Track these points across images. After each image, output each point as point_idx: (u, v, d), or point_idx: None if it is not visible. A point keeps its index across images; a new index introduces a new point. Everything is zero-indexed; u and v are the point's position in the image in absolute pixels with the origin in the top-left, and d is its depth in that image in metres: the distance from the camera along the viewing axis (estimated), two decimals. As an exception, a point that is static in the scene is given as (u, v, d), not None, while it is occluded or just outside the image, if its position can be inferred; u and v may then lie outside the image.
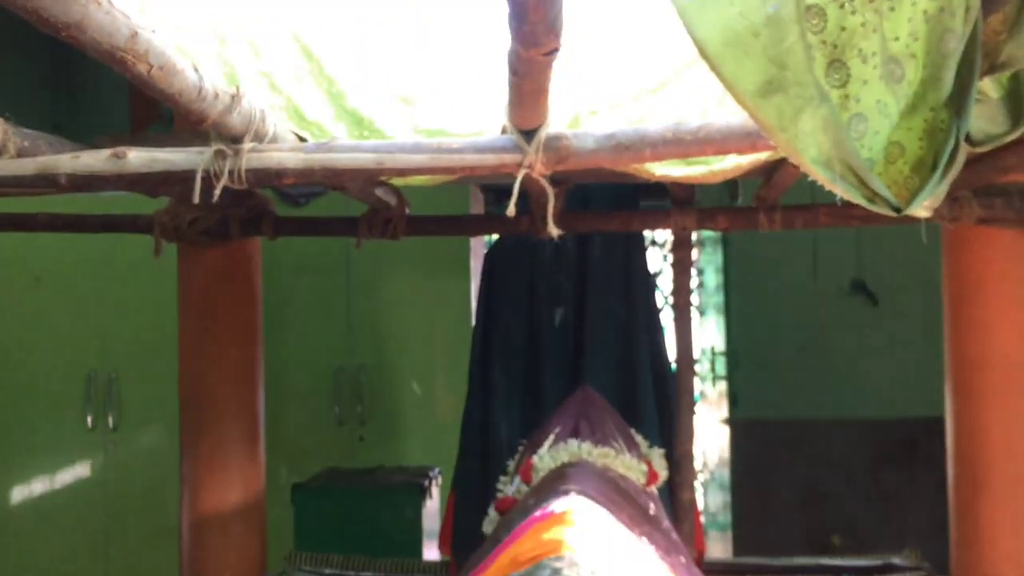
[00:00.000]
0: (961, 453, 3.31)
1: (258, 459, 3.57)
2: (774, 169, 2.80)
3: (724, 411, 5.85)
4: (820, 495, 5.75)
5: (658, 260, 6.45)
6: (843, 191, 1.30)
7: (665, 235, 6.51)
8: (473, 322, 4.28)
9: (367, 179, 2.48)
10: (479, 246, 5.53)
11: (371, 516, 4.02)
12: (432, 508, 4.22)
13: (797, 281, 5.79)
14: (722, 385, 5.88)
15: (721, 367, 5.87)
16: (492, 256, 3.96)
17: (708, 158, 2.26)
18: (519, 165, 1.92)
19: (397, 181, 2.40)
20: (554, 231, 2.00)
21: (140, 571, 4.92)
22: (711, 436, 6.21)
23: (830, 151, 1.28)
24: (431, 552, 4.14)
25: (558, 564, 1.65)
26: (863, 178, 1.32)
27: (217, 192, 2.01)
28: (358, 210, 3.30)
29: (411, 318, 5.18)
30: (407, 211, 3.34)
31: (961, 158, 1.48)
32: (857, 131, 1.33)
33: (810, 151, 1.28)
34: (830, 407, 5.75)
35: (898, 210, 1.38)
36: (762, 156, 2.26)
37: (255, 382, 3.60)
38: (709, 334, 6.11)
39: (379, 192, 3.05)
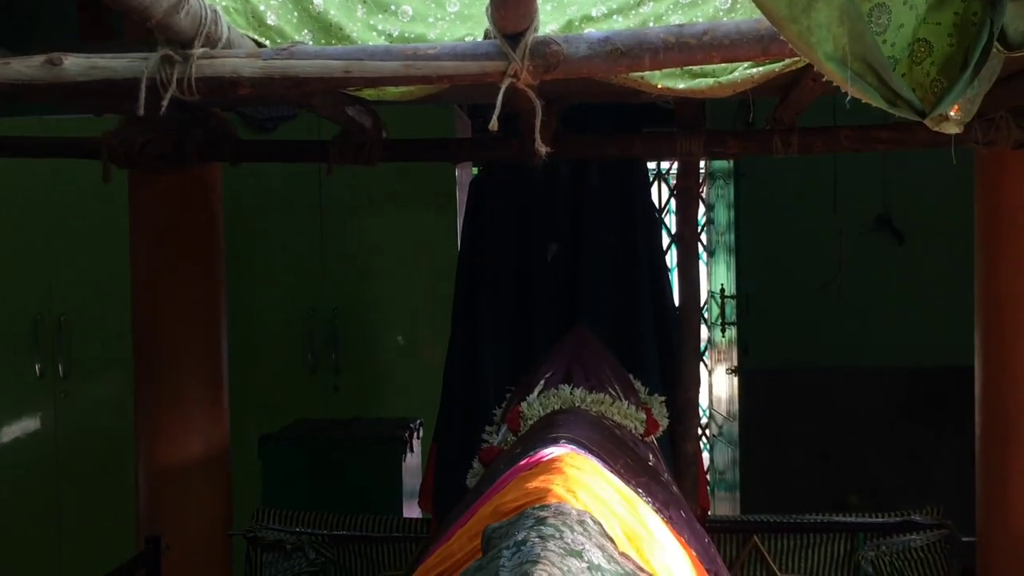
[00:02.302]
0: (990, 403, 3.32)
1: (221, 408, 3.58)
2: (791, 85, 2.76)
3: (733, 360, 5.85)
4: (837, 452, 5.78)
5: (662, 194, 6.41)
6: (860, 93, 1.26)
7: (670, 167, 6.46)
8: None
9: (334, 91, 2.43)
10: (466, 177, 5.49)
11: (346, 471, 4.03)
12: (413, 463, 4.23)
13: (815, 217, 5.75)
14: (731, 331, 5.87)
15: (731, 312, 5.86)
16: (478, 186, 3.93)
17: (715, 68, 2.21)
18: (503, 73, 1.88)
19: (369, 94, 2.35)
20: (542, 149, 1.96)
21: (94, 530, 4.94)
22: (718, 387, 6.22)
23: (847, 46, 1.23)
24: (411, 510, 4.16)
25: (543, 513, 1.63)
26: (884, 78, 1.27)
27: (164, 103, 1.97)
28: (333, 135, 3.26)
29: (391, 256, 5.17)
30: (384, 134, 3.29)
31: (996, 61, 1.44)
32: (879, 24, 1.29)
33: (824, 46, 1.24)
34: (849, 355, 5.76)
35: (923, 114, 1.34)
36: (776, 67, 2.21)
37: (217, 325, 3.59)
38: (719, 275, 6.10)
39: (351, 111, 3.00)
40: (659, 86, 2.24)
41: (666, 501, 2.34)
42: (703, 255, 6.12)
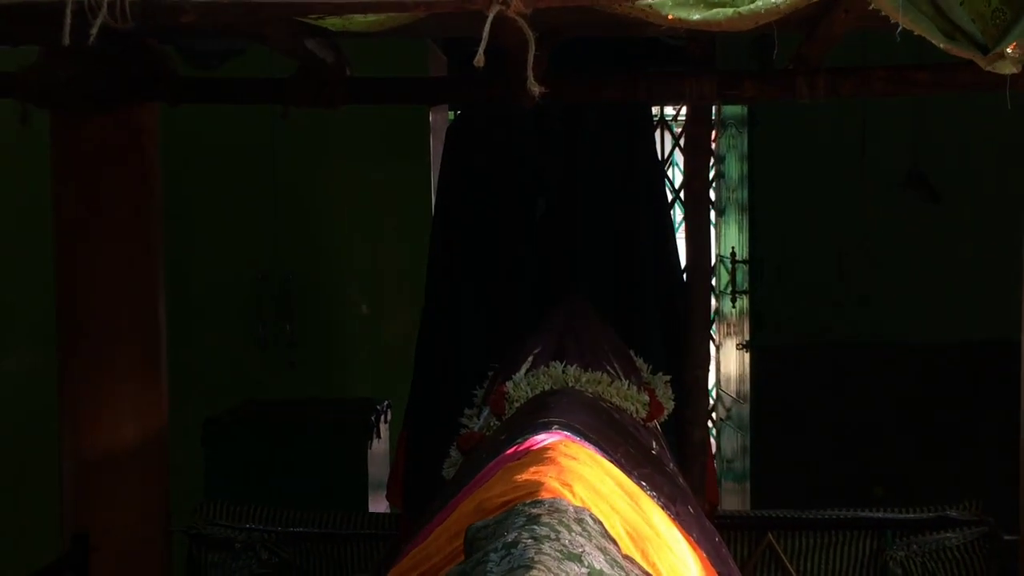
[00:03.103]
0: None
1: (159, 388, 3.55)
2: (819, 18, 2.72)
3: (744, 334, 5.85)
4: (860, 438, 5.79)
5: (665, 144, 6.38)
6: (913, 23, 1.23)
7: (676, 112, 6.42)
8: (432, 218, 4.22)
9: (292, 19, 2.37)
10: (441, 123, 5.45)
11: (304, 459, 4.03)
12: (380, 450, 4.24)
13: (839, 172, 5.72)
14: (743, 301, 5.86)
15: (742, 279, 5.85)
16: (456, 132, 3.89)
17: (736, -5, 2.17)
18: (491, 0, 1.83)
19: (333, 23, 2.29)
20: (535, 89, 1.92)
21: (11, 528, 4.91)
22: (727, 365, 6.22)
23: (901, -33, 1.20)
24: (378, 504, 4.15)
25: (535, 510, 1.61)
26: (940, 6, 1.24)
27: (93, 32, 1.91)
28: (288, 74, 3.21)
29: (355, 214, 5.16)
30: (348, 72, 3.24)
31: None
32: (937, -58, 1.25)
33: (875, -33, 1.20)
34: (875, 329, 5.76)
35: (985, 50, 1.30)
36: (806, -7, 2.17)
37: (154, 292, 3.56)
38: (729, 238, 6.08)
39: (311, 45, 2.95)
40: (670, 16, 2.19)
41: (672, 495, 2.34)
42: (712, 214, 6.09)
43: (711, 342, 6.13)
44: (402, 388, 4.15)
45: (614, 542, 1.67)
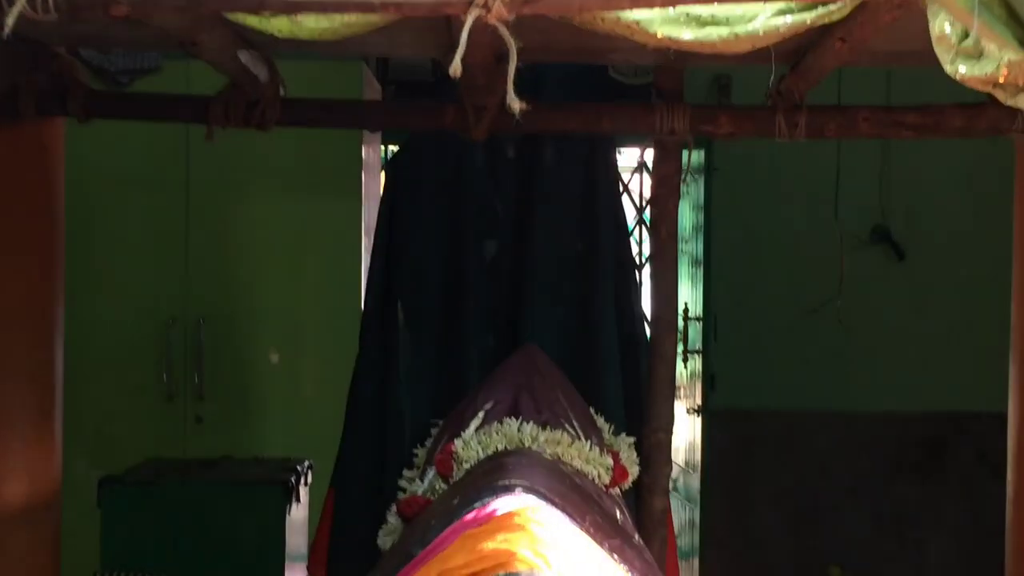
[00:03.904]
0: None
1: (52, 442, 3.42)
2: (805, 49, 2.69)
3: (696, 397, 5.81)
4: (816, 512, 5.79)
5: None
6: (987, 28, 1.14)
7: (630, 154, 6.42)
8: (367, 258, 4.11)
9: (232, 22, 2.26)
10: (374, 157, 5.39)
11: (213, 524, 3.87)
12: (300, 516, 4.10)
13: (799, 227, 5.76)
14: (695, 362, 5.83)
15: (695, 337, 5.82)
16: (399, 164, 3.81)
17: (730, 16, 2.12)
18: (470, 3, 1.75)
19: (280, 26, 2.18)
20: (517, 106, 1.83)
21: None
22: (677, 431, 6.17)
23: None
24: (296, 573, 4.01)
25: (514, 584, 1.50)
26: (1016, 11, 1.16)
27: (10, 23, 1.79)
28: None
29: (275, 255, 5.05)
30: (282, 92, 3.14)
31: None
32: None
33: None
34: (834, 396, 5.78)
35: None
36: (808, 16, 2.13)
37: (51, 334, 3.43)
38: (680, 292, 6.05)
39: (244, 58, 2.83)
40: (659, 35, 2.13)
41: (644, 571, 2.25)
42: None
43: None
44: (323, 447, 4.05)
45: (596, 620, 1.57)
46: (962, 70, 1.85)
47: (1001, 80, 1.82)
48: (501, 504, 2.02)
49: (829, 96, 3.46)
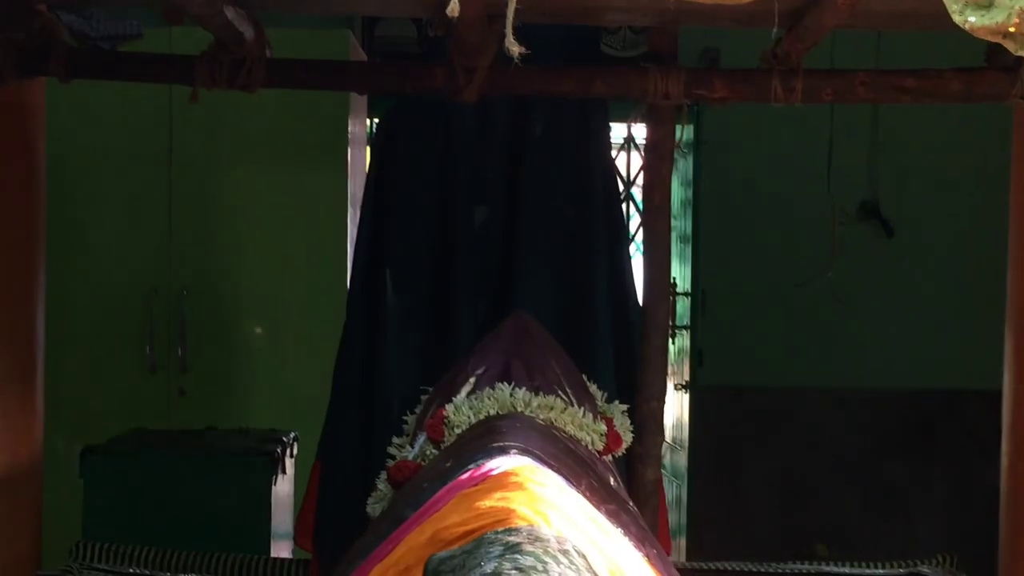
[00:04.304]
0: (1020, 437, 3.26)
1: (34, 412, 3.40)
2: (806, 10, 2.64)
3: (684, 374, 5.79)
4: (804, 489, 5.78)
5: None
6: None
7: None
8: (353, 227, 4.06)
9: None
10: (361, 130, 5.34)
11: (197, 496, 3.85)
12: (285, 487, 4.07)
13: (788, 202, 5.74)
14: (683, 338, 5.80)
15: (683, 313, 5.79)
16: (387, 128, 3.75)
17: (735, -36, 2.05)
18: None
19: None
20: (514, 48, 1.77)
21: None
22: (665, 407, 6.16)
23: None
24: (281, 548, 3.99)
25: (512, 538, 1.46)
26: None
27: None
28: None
29: (260, 224, 4.99)
30: (268, 53, 3.08)
31: None
32: None
33: None
34: (822, 373, 5.76)
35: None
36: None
37: (32, 303, 3.40)
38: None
39: (231, 14, 2.77)
40: (659, -16, 2.07)
41: (640, 536, 2.20)
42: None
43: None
44: (308, 420, 4.03)
45: (601, 580, 1.52)
46: (971, 20, 1.80)
47: (1012, 29, 1.77)
48: (497, 464, 1.97)
49: (822, 62, 3.42)
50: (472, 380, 2.72)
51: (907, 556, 3.75)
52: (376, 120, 5.37)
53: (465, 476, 1.96)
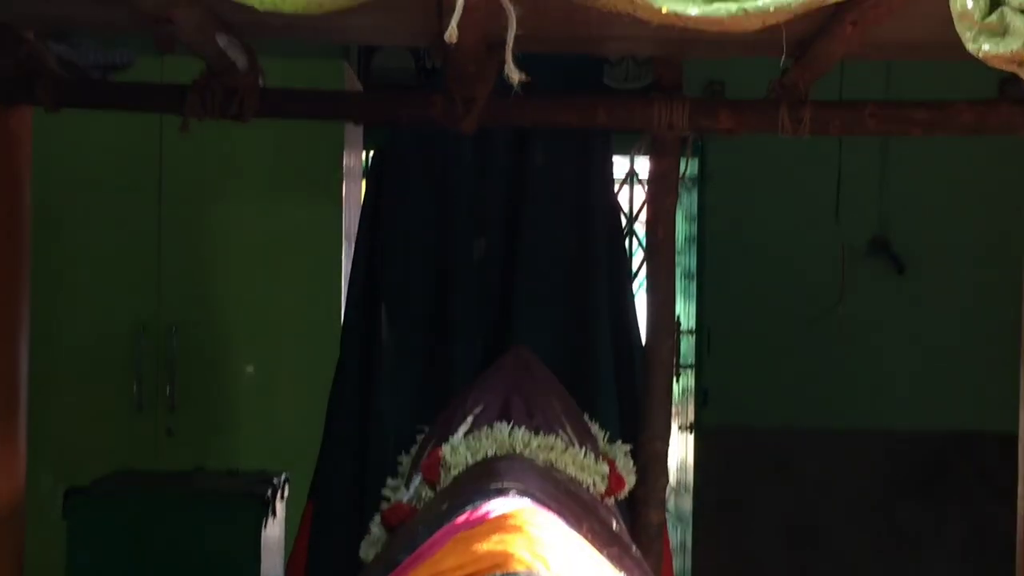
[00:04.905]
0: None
1: (16, 451, 3.36)
2: (812, 38, 2.64)
3: (688, 414, 5.77)
4: (812, 533, 5.75)
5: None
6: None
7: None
8: (347, 266, 4.06)
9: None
10: (356, 163, 5.35)
11: (185, 539, 3.80)
12: (275, 531, 4.03)
13: (796, 238, 5.74)
14: (688, 377, 5.79)
15: (687, 352, 5.78)
16: (383, 159, 3.76)
17: (742, -12, 2.05)
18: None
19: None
20: (514, 75, 1.77)
21: None
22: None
23: None
24: (272, 594, 3.94)
25: (512, 583, 1.43)
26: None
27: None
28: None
29: (251, 261, 4.98)
30: (261, 81, 3.08)
31: None
32: None
33: None
34: (831, 413, 5.74)
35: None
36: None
37: (15, 339, 3.36)
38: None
39: (223, 42, 2.78)
40: (664, 10, 2.06)
41: (643, 582, 2.18)
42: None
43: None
44: (299, 461, 4.01)
45: (601, 627, 1.50)
46: (985, 48, 1.80)
47: (1027, 58, 1.77)
48: (495, 506, 1.96)
49: (830, 93, 3.43)
50: (469, 419, 2.71)
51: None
52: (372, 152, 5.38)
53: (462, 519, 1.95)
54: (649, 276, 3.27)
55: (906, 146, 5.41)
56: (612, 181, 3.88)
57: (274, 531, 4.05)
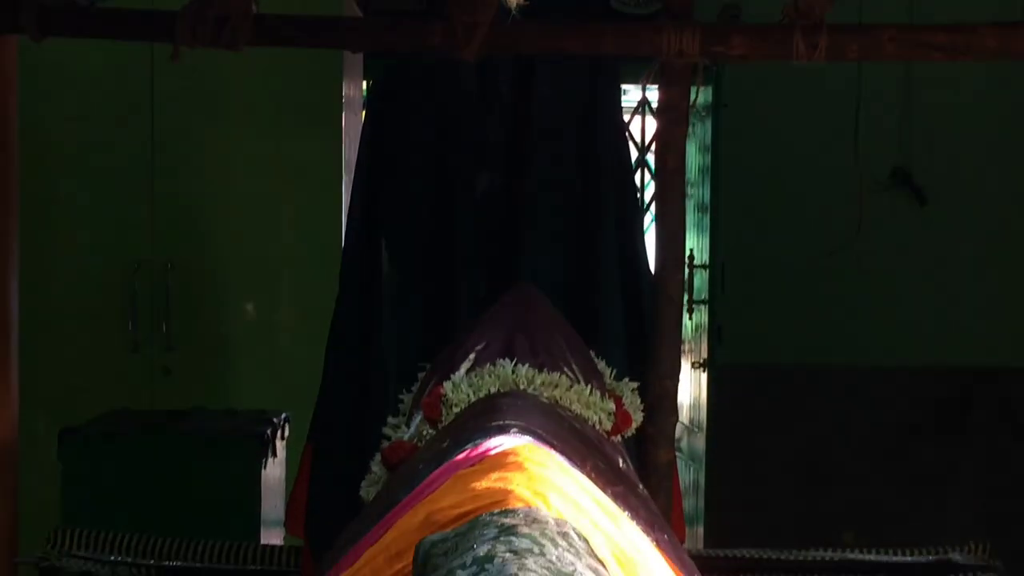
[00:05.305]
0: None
1: (8, 391, 3.45)
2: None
3: (702, 351, 5.78)
4: (829, 473, 5.77)
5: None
6: None
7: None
8: (347, 199, 4.07)
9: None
10: (356, 96, 5.33)
11: (182, 480, 3.88)
12: (275, 472, 4.10)
13: (814, 169, 5.72)
14: (701, 313, 5.80)
15: (701, 287, 5.78)
16: (382, 89, 3.74)
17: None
18: None
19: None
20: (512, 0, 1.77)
21: None
22: (681, 387, 6.15)
23: None
24: (271, 535, 4.01)
25: (508, 520, 1.47)
26: None
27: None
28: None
29: (248, 195, 5.01)
30: (255, 7, 3.09)
31: None
32: None
33: None
34: (849, 349, 5.76)
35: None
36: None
37: (4, 277, 3.44)
38: (687, 240, 6.00)
39: (213, -34, 2.78)
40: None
41: (650, 521, 2.21)
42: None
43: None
44: (300, 400, 4.04)
45: (602, 564, 1.53)
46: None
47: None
48: (496, 443, 1.98)
49: (849, 17, 3.41)
50: (472, 356, 2.72)
51: (938, 543, 3.77)
52: (371, 82, 5.37)
53: (462, 456, 1.97)
54: (658, 209, 3.28)
55: (931, 72, 5.37)
56: (621, 111, 3.86)
57: (274, 471, 4.11)
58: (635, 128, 6.34)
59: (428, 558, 1.44)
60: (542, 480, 1.76)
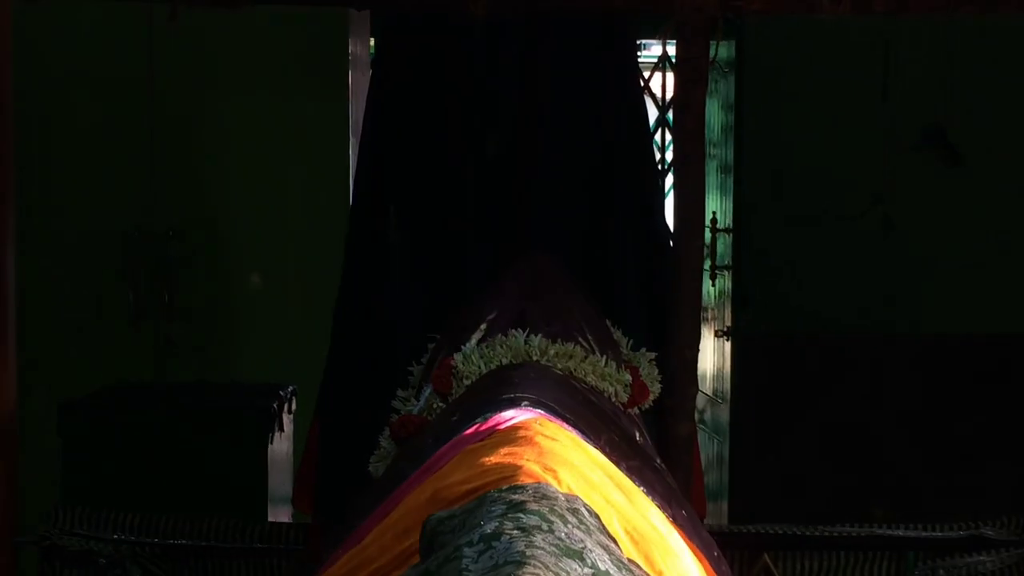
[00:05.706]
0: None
1: (6, 364, 3.44)
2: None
3: (725, 319, 5.79)
4: (859, 446, 5.76)
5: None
6: None
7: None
8: (355, 162, 4.08)
9: None
10: (363, 55, 5.34)
11: (185, 455, 3.91)
12: (283, 447, 4.13)
13: (842, 127, 5.69)
14: (724, 280, 5.80)
15: (724, 252, 5.78)
16: (389, 47, 3.74)
17: None
18: None
19: None
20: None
21: None
22: (704, 356, 6.14)
23: None
24: (279, 512, 4.05)
25: (517, 496, 1.49)
26: None
27: None
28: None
29: (252, 160, 5.04)
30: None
31: None
32: None
33: None
34: (879, 317, 5.75)
35: None
36: None
37: (2, 245, 3.42)
38: (708, 203, 5.99)
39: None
40: None
41: (666, 495, 2.24)
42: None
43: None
44: (307, 373, 4.06)
45: (614, 541, 1.56)
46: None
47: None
48: (506, 417, 2.01)
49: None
50: (483, 326, 2.75)
51: (972, 518, 3.79)
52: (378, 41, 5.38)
53: (471, 431, 2.00)
54: (676, 171, 3.30)
55: (964, 25, 5.34)
56: (637, 69, 3.85)
57: (281, 446, 4.14)
58: (655, 85, 6.33)
59: (435, 535, 1.47)
60: (553, 455, 1.78)
